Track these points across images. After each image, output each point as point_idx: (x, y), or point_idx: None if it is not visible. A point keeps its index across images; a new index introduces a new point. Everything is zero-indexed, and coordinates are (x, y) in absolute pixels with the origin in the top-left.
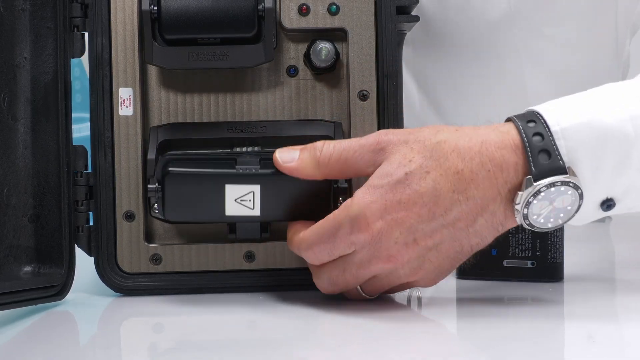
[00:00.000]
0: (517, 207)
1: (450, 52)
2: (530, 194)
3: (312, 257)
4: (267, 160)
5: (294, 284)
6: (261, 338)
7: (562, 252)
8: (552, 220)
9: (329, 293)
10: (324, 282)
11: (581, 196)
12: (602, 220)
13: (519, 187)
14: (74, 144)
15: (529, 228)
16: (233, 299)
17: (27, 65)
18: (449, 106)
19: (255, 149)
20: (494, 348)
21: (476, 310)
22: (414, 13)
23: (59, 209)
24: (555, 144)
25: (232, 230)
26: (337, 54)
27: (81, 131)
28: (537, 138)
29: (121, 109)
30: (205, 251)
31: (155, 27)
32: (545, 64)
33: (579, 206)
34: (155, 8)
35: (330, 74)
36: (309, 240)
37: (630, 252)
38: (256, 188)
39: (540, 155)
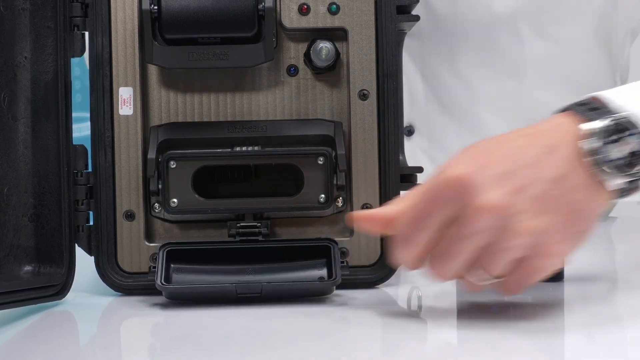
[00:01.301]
0: (584, 143)
1: (456, 46)
2: (595, 130)
3: (412, 238)
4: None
5: None
6: (261, 338)
7: None
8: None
9: (449, 279)
10: (439, 267)
11: None
12: (604, 220)
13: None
14: (74, 143)
15: (616, 175)
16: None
17: (27, 65)
18: (454, 99)
19: (256, 148)
20: (494, 348)
21: (476, 311)
22: (415, 11)
23: (59, 209)
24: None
25: (232, 235)
26: (338, 53)
27: (81, 131)
28: (592, 112)
29: (121, 108)
30: None
31: (155, 27)
32: (547, 62)
33: None
34: (156, 7)
35: (331, 73)
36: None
37: (631, 252)
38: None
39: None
